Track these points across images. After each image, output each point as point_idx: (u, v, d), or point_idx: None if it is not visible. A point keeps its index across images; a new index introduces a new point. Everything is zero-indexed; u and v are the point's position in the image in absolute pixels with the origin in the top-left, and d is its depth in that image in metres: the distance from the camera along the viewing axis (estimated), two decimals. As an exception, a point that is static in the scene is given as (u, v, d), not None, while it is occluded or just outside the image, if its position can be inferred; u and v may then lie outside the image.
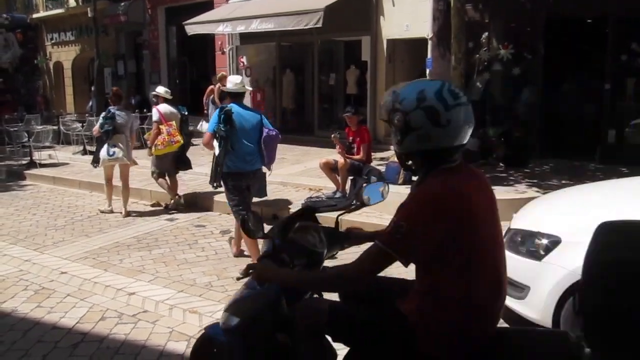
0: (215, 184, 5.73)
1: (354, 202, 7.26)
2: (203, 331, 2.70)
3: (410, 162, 2.15)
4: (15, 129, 12.80)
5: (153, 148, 7.67)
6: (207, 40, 16.30)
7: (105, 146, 7.64)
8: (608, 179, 6.20)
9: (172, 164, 7.90)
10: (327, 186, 7.94)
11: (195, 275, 5.29)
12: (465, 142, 2.05)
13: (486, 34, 10.30)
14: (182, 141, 7.73)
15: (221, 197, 7.99)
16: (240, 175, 5.42)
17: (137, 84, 18.59)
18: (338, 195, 7.45)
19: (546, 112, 10.40)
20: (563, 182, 7.43)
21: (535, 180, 7.56)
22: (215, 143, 5.39)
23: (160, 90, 8.01)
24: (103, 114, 7.88)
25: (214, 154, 5.53)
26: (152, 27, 17.28)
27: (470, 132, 2.06)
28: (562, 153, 9.77)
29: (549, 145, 10.02)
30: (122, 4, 17.22)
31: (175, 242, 6.40)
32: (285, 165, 10.40)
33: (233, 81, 5.64)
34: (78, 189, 9.56)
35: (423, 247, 1.97)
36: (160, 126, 7.58)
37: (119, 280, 5.18)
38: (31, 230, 7.11)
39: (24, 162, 11.74)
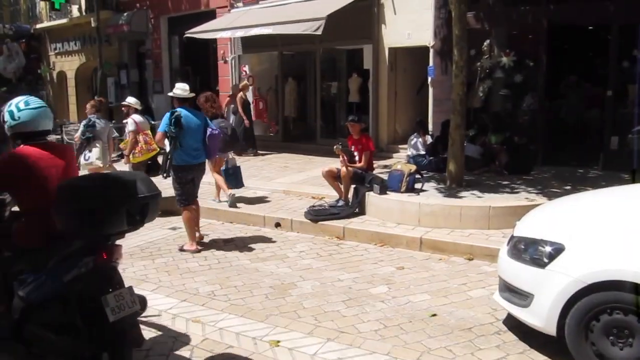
0: (165, 175, 6.43)
1: (357, 209, 7.28)
2: None
3: (17, 141, 3.53)
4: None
5: (131, 156, 8.02)
6: (210, 50, 16.38)
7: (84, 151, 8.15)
8: (611, 186, 6.18)
9: (145, 171, 8.10)
10: (329, 194, 7.95)
11: (198, 284, 5.28)
12: (40, 129, 3.52)
13: (488, 41, 10.33)
14: (158, 149, 7.94)
15: (223, 206, 8.01)
16: (187, 168, 6.24)
17: (140, 93, 18.65)
18: (341, 203, 7.45)
19: (548, 119, 10.40)
20: (566, 189, 7.41)
21: (537, 188, 7.54)
22: (166, 141, 6.18)
23: (131, 101, 8.34)
24: (84, 121, 8.32)
25: (165, 150, 6.38)
26: (154, 36, 17.35)
27: (46, 124, 3.54)
28: (565, 160, 9.75)
29: (551, 152, 10.01)
30: (125, 13, 17.32)
31: (178, 251, 6.40)
32: (288, 174, 10.41)
33: (181, 88, 6.37)
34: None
35: (2, 186, 3.48)
36: (137, 136, 7.97)
37: (122, 290, 5.17)
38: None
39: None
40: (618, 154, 9.20)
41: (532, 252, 3.71)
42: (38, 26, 21.27)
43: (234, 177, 8.12)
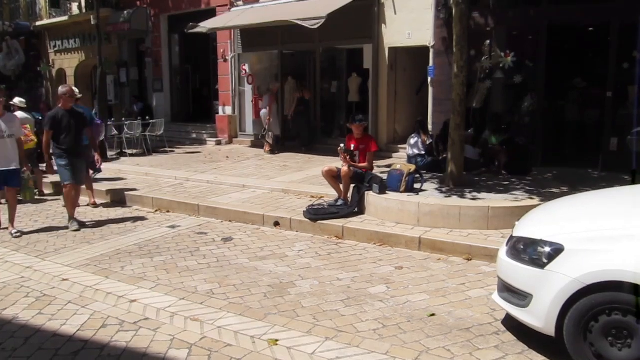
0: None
1: (356, 209, 7.28)
2: None
3: None
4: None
5: None
6: (209, 48, 16.38)
7: None
8: (610, 186, 6.18)
9: (32, 159, 9.11)
10: (328, 194, 7.94)
11: (196, 283, 5.28)
12: None
13: (488, 41, 10.33)
14: (36, 140, 9.27)
15: (223, 205, 8.01)
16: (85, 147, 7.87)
17: (139, 91, 18.65)
18: (340, 202, 7.44)
19: (548, 119, 10.41)
20: (565, 190, 7.41)
21: (537, 188, 7.54)
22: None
23: (16, 100, 9.75)
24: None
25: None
26: (154, 34, 17.35)
27: None
28: (564, 161, 9.75)
29: (551, 152, 10.02)
30: (125, 12, 17.31)
31: (176, 250, 6.40)
32: (287, 173, 10.41)
33: (75, 90, 8.06)
34: (80, 196, 9.56)
35: None
36: None
37: (121, 288, 5.17)
38: (33, 237, 7.11)
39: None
40: (617, 155, 9.21)
41: (531, 252, 3.71)
42: (38, 24, 21.24)
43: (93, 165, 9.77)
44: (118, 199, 9.07)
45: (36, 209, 8.68)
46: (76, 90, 8.17)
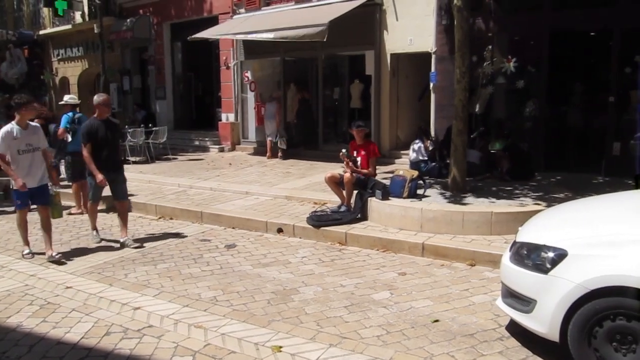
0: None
1: (359, 215, 7.28)
2: None
3: None
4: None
5: None
6: (212, 55, 16.44)
7: None
8: (613, 191, 6.17)
9: None
10: (331, 200, 7.95)
11: (200, 290, 5.28)
12: None
13: (490, 47, 10.33)
14: None
15: (227, 212, 8.02)
16: (79, 154, 7.47)
17: (142, 99, 18.72)
18: (343, 209, 7.45)
19: (550, 125, 10.40)
20: (568, 195, 7.40)
21: (540, 193, 7.53)
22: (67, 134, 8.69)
23: None
24: None
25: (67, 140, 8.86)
26: (157, 42, 17.42)
27: None
28: (567, 166, 9.73)
29: (554, 158, 10.00)
30: (128, 20, 17.40)
31: (180, 257, 6.40)
32: (290, 179, 10.43)
33: (70, 97, 9.28)
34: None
35: None
36: None
37: (124, 295, 5.18)
38: (36, 245, 7.11)
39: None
40: (620, 160, 9.19)
41: (535, 257, 3.71)
42: (41, 32, 21.36)
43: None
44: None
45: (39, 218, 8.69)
46: (75, 97, 8.53)
